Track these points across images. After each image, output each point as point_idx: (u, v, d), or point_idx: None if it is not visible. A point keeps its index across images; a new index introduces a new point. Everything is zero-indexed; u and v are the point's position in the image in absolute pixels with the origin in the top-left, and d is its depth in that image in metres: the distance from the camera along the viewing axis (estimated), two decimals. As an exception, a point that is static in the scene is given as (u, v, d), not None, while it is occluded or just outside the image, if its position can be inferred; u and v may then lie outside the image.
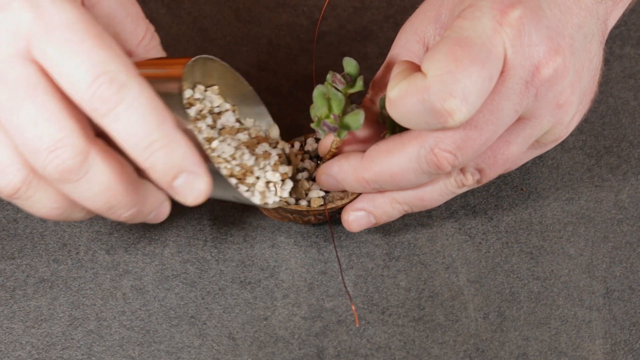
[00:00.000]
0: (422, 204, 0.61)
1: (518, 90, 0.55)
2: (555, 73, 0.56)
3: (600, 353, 0.61)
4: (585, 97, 0.60)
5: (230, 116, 0.63)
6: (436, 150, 0.56)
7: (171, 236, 0.66)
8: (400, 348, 0.61)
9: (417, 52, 0.61)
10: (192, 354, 0.61)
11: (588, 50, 0.59)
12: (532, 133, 0.58)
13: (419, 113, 0.54)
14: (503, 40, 0.55)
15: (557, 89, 0.56)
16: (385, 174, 0.58)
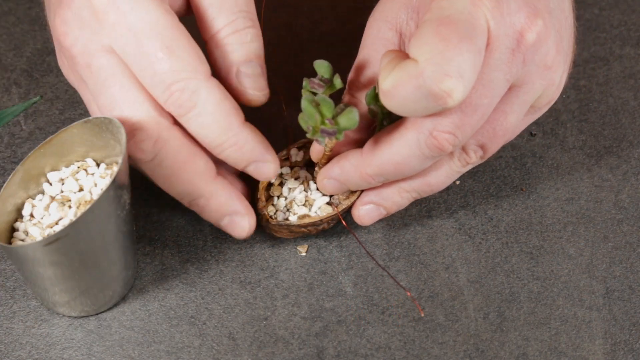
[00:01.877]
0: (430, 188, 0.62)
1: (506, 60, 0.55)
2: (539, 36, 0.56)
3: (600, 353, 0.61)
4: (568, 55, 0.60)
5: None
6: (435, 133, 0.56)
7: (171, 236, 0.66)
8: (400, 348, 0.61)
9: (391, 39, 0.60)
10: (192, 354, 0.61)
11: (562, 9, 0.59)
12: (526, 99, 0.58)
13: (417, 100, 0.54)
14: (484, 13, 0.54)
15: (543, 52, 0.56)
16: (389, 165, 0.58)
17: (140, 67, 0.57)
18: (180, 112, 0.57)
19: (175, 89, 0.57)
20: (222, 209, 0.61)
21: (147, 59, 0.56)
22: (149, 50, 0.56)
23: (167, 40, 0.56)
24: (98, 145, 0.61)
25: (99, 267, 0.59)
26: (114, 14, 0.57)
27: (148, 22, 0.56)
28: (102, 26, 0.57)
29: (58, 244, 0.56)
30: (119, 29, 0.57)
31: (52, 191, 0.61)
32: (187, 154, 0.59)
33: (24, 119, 0.71)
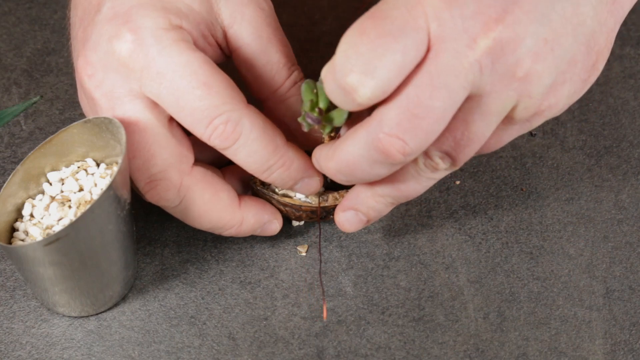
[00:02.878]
0: (402, 194, 0.58)
1: (458, 65, 0.51)
2: (497, 43, 0.51)
3: (600, 353, 0.61)
4: (577, 64, 0.54)
5: None
6: (381, 135, 0.52)
7: (171, 236, 0.66)
8: (400, 348, 0.61)
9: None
10: (192, 354, 0.61)
11: (566, 15, 0.53)
12: (490, 109, 0.53)
13: (335, 92, 0.52)
14: (425, 12, 0.50)
15: (509, 60, 0.51)
16: (342, 163, 0.55)
17: (178, 107, 0.57)
18: (226, 144, 0.57)
19: (218, 123, 0.57)
20: (253, 228, 0.62)
21: (185, 98, 0.56)
22: (186, 89, 0.56)
23: (202, 77, 0.56)
24: (98, 145, 0.61)
25: (99, 267, 0.59)
26: (142, 59, 0.57)
27: (179, 63, 0.56)
28: (130, 71, 0.57)
29: (58, 244, 0.56)
30: (149, 73, 0.57)
31: (52, 191, 0.61)
32: (211, 193, 0.60)
33: (24, 119, 0.71)
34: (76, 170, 0.62)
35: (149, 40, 0.56)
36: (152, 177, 0.59)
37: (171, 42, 0.57)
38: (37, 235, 0.59)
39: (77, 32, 0.61)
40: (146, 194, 0.59)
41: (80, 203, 0.60)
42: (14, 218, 0.60)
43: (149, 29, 0.57)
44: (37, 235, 0.59)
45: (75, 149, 0.61)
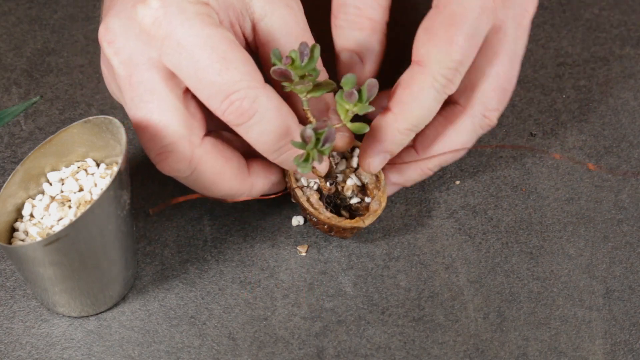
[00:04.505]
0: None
1: (520, 33, 0.63)
2: (535, 6, 0.63)
3: (600, 353, 0.61)
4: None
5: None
6: (486, 113, 0.63)
7: (171, 236, 0.66)
8: (400, 348, 0.61)
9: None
10: (192, 354, 0.61)
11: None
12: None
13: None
14: (495, 8, 0.61)
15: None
16: (448, 155, 0.64)
17: (196, 79, 0.57)
18: (240, 120, 0.58)
19: (235, 98, 0.57)
20: (262, 190, 0.63)
21: (204, 71, 0.57)
22: (205, 63, 0.56)
23: (222, 52, 0.57)
24: (98, 145, 0.61)
25: (99, 267, 0.59)
26: (165, 28, 0.57)
27: (201, 36, 0.56)
28: (151, 39, 0.57)
29: (58, 244, 0.56)
30: (170, 43, 0.57)
31: (52, 191, 0.61)
32: (221, 163, 0.60)
33: (24, 119, 0.71)
34: (76, 170, 0.62)
35: (174, 9, 0.57)
36: (163, 149, 0.58)
37: (195, 15, 0.57)
38: (37, 236, 0.59)
39: (104, 2, 0.61)
40: (157, 165, 0.59)
41: (80, 203, 0.60)
42: (14, 218, 0.60)
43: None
44: (37, 236, 0.59)
45: (75, 149, 0.61)
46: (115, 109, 0.72)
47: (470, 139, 0.64)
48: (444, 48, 0.60)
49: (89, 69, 0.74)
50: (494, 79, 0.63)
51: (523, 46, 0.64)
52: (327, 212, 0.63)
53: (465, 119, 0.64)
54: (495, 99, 0.63)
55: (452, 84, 0.60)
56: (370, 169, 0.63)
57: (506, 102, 0.64)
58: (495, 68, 0.63)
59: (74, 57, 0.74)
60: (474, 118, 0.63)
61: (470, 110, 0.63)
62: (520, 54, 0.64)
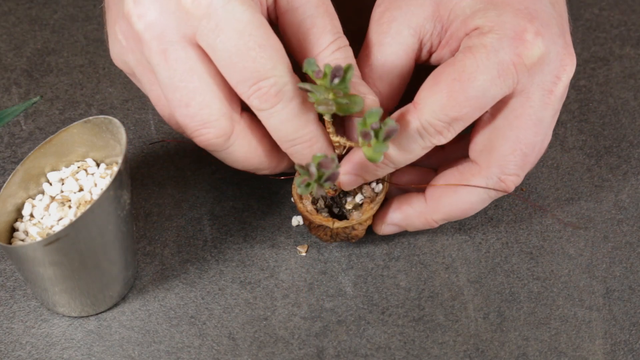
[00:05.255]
0: (459, 215, 0.64)
1: (547, 100, 0.60)
2: (571, 74, 0.61)
3: (600, 353, 0.61)
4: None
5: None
6: (503, 177, 0.61)
7: (171, 236, 0.66)
8: (400, 348, 0.61)
9: (410, 45, 0.61)
10: (192, 354, 0.61)
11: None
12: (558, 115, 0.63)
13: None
14: (517, 73, 0.59)
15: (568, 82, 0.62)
16: (456, 211, 0.63)
17: (230, 62, 0.57)
18: (264, 106, 0.58)
19: (264, 85, 0.57)
20: (287, 167, 0.63)
21: (238, 55, 0.57)
22: (241, 48, 0.56)
23: (259, 38, 0.57)
24: (98, 145, 0.61)
25: (99, 267, 0.59)
26: (205, 8, 0.56)
27: (241, 20, 0.56)
28: (188, 17, 0.57)
29: (58, 244, 0.56)
30: (209, 23, 0.57)
31: (52, 191, 0.61)
32: (257, 139, 0.60)
33: (24, 119, 0.71)
34: (76, 170, 0.62)
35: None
36: (205, 125, 0.58)
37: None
38: (37, 235, 0.59)
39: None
40: (195, 139, 0.59)
41: (80, 203, 0.60)
42: (14, 218, 0.60)
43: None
44: (37, 235, 0.59)
45: (75, 149, 0.61)
46: (115, 109, 0.72)
47: (481, 200, 0.62)
48: (441, 100, 0.58)
49: (89, 69, 0.74)
50: (514, 142, 0.60)
51: (552, 114, 0.61)
52: (309, 206, 0.63)
53: (480, 178, 0.61)
54: (513, 162, 0.60)
55: (442, 136, 0.59)
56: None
57: (527, 168, 0.61)
58: (516, 132, 0.60)
59: (74, 57, 0.74)
60: (488, 180, 0.61)
61: (486, 171, 0.61)
62: (548, 121, 0.61)
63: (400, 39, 0.61)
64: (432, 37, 0.61)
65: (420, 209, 0.63)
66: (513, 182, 0.61)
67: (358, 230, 0.63)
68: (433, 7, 0.61)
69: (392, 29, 0.62)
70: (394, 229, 0.64)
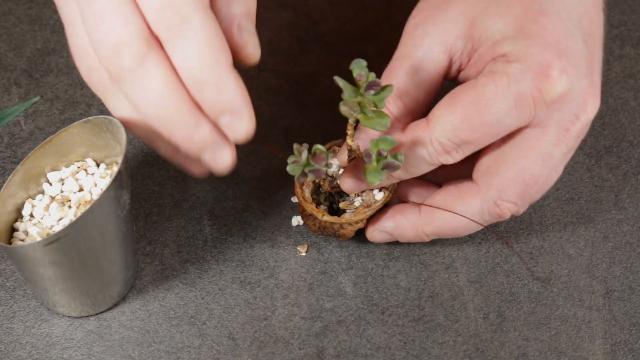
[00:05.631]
0: (454, 233, 0.63)
1: (562, 137, 0.59)
2: (593, 115, 0.60)
3: (600, 353, 0.61)
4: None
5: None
6: (499, 202, 0.60)
7: (171, 236, 0.66)
8: (400, 348, 0.61)
9: (441, 62, 0.61)
10: (192, 354, 0.61)
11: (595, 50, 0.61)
12: (571, 154, 0.62)
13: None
14: (535, 108, 0.58)
15: (589, 123, 0.60)
16: (448, 229, 0.62)
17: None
18: (167, 36, 0.53)
19: (167, 9, 0.53)
20: (206, 140, 0.56)
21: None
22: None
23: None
24: (98, 145, 0.61)
25: (99, 267, 0.59)
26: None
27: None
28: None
29: (58, 244, 0.56)
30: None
31: (52, 191, 0.61)
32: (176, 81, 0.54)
33: (24, 119, 0.71)
34: (76, 170, 0.62)
35: None
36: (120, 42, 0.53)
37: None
38: (37, 236, 0.59)
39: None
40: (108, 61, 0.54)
41: (80, 203, 0.60)
42: (14, 218, 0.60)
43: None
44: (37, 236, 0.59)
45: (75, 149, 0.61)
46: (115, 109, 0.72)
47: (475, 223, 0.62)
48: (455, 121, 0.58)
49: (89, 69, 0.74)
50: (518, 171, 0.59)
51: (565, 151, 0.60)
52: (307, 193, 0.63)
53: (476, 199, 0.60)
54: (512, 190, 0.60)
55: (450, 156, 0.59)
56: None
57: (527, 200, 0.60)
58: (523, 162, 0.59)
59: (74, 57, 0.74)
60: (484, 202, 0.60)
61: (484, 193, 0.60)
62: (559, 158, 0.60)
63: (432, 55, 0.61)
64: (462, 55, 0.61)
65: (413, 220, 0.62)
66: (509, 209, 0.60)
67: (346, 230, 0.63)
68: (466, 25, 0.60)
69: (425, 44, 0.61)
70: (385, 236, 0.64)
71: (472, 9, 0.60)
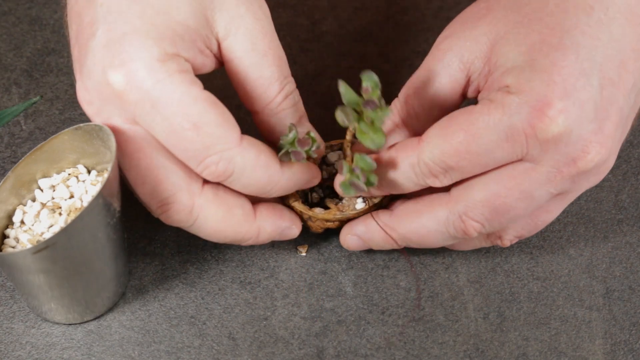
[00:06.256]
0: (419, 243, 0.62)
1: (552, 178, 0.57)
2: (597, 164, 0.56)
3: (600, 353, 0.61)
4: (621, 140, 0.59)
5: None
6: (464, 217, 0.58)
7: (171, 236, 0.66)
8: (400, 348, 0.61)
9: (458, 78, 0.60)
10: (192, 354, 0.61)
11: (634, 108, 0.59)
12: (572, 198, 0.60)
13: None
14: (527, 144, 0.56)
15: (599, 169, 0.57)
16: (413, 234, 0.61)
17: (170, 143, 0.56)
18: (219, 180, 0.58)
19: (210, 162, 0.57)
20: (271, 236, 0.62)
21: (176, 137, 0.56)
22: (177, 128, 0.56)
23: (195, 116, 0.56)
24: (89, 152, 0.61)
25: (89, 274, 0.59)
26: (136, 92, 0.56)
27: (173, 99, 0.55)
28: (124, 103, 0.56)
29: (47, 252, 0.55)
30: (143, 107, 0.56)
31: (44, 198, 0.61)
32: (224, 210, 0.60)
33: (24, 119, 0.71)
34: (67, 177, 0.61)
35: (143, 73, 0.55)
36: (163, 202, 0.59)
37: (165, 76, 0.55)
38: (28, 242, 0.59)
39: (73, 49, 0.60)
40: (159, 217, 0.60)
41: (70, 210, 0.60)
42: (5, 225, 0.60)
43: (143, 60, 0.55)
44: (28, 242, 0.59)
45: (66, 155, 0.61)
46: (115, 109, 0.72)
47: (440, 232, 0.60)
48: (443, 146, 0.56)
49: (89, 69, 0.74)
50: (490, 195, 0.57)
51: (556, 193, 0.57)
52: None
53: (444, 209, 0.59)
54: (479, 210, 0.58)
55: (437, 179, 0.58)
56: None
57: (495, 226, 0.59)
58: (497, 187, 0.57)
59: (74, 57, 0.74)
60: (450, 213, 0.59)
61: (453, 204, 0.59)
62: (544, 198, 0.58)
63: (450, 70, 0.60)
64: (479, 76, 0.59)
65: (382, 223, 0.62)
66: (473, 227, 0.58)
67: (314, 224, 0.63)
68: (488, 47, 0.59)
69: (446, 58, 0.60)
70: (356, 241, 0.63)
71: (496, 30, 0.58)
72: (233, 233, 0.61)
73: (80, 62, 0.58)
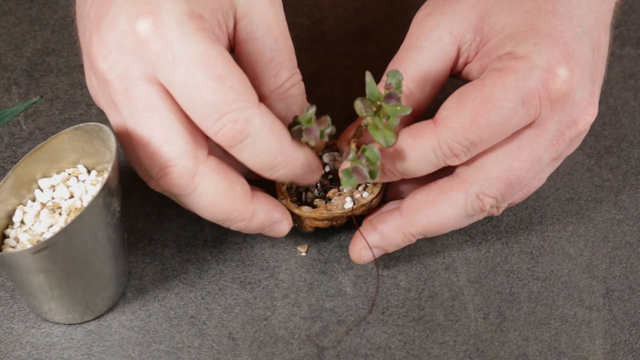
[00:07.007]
0: (437, 230, 0.62)
1: (555, 141, 0.59)
2: (588, 126, 0.60)
3: (600, 353, 0.61)
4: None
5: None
6: (481, 196, 0.60)
7: (171, 236, 0.66)
8: (400, 348, 0.61)
9: (449, 52, 0.61)
10: (192, 354, 0.61)
11: (603, 57, 0.61)
12: (558, 164, 0.63)
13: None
14: (540, 106, 0.58)
15: (584, 133, 0.61)
16: (433, 225, 0.61)
17: (189, 97, 0.56)
18: (233, 143, 0.56)
19: (228, 120, 0.55)
20: (262, 225, 0.61)
21: (197, 89, 0.55)
22: (199, 80, 0.55)
23: (218, 69, 0.55)
24: (89, 152, 0.60)
25: (89, 274, 0.59)
26: (160, 42, 0.55)
27: (197, 52, 0.55)
28: (145, 54, 0.56)
29: (47, 252, 0.55)
30: (165, 58, 0.55)
31: (44, 198, 0.61)
32: (225, 184, 0.58)
33: (24, 119, 0.71)
34: (67, 177, 0.61)
35: (170, 24, 0.55)
36: (167, 163, 0.57)
37: (192, 30, 0.55)
38: (28, 243, 0.59)
39: (88, 11, 0.59)
40: (159, 180, 0.58)
41: (70, 210, 0.60)
42: (5, 225, 0.60)
43: (171, 12, 0.55)
44: (28, 243, 0.59)
45: (66, 155, 0.61)
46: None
47: (459, 217, 0.61)
48: (464, 124, 0.57)
49: (89, 69, 0.74)
50: (505, 170, 0.59)
51: (554, 156, 0.60)
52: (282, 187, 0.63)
53: (459, 194, 0.60)
54: (496, 187, 0.59)
55: (457, 158, 0.58)
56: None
57: (508, 197, 0.60)
58: (511, 160, 0.59)
59: (74, 57, 0.74)
60: (467, 196, 0.60)
61: (468, 186, 0.60)
62: (546, 163, 0.60)
63: (441, 44, 0.60)
64: (470, 48, 0.60)
65: (396, 224, 0.61)
66: (490, 203, 0.60)
67: (304, 223, 0.63)
68: (477, 18, 0.60)
69: (434, 34, 0.61)
70: (375, 252, 0.62)
71: (483, 2, 0.60)
72: (229, 210, 0.59)
73: (98, 18, 0.57)
